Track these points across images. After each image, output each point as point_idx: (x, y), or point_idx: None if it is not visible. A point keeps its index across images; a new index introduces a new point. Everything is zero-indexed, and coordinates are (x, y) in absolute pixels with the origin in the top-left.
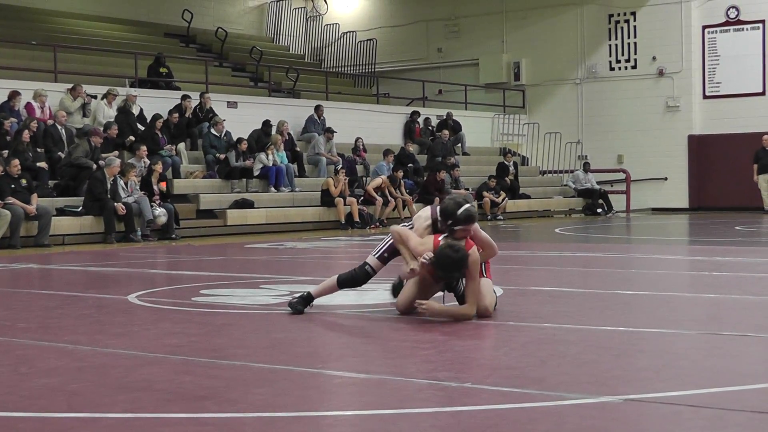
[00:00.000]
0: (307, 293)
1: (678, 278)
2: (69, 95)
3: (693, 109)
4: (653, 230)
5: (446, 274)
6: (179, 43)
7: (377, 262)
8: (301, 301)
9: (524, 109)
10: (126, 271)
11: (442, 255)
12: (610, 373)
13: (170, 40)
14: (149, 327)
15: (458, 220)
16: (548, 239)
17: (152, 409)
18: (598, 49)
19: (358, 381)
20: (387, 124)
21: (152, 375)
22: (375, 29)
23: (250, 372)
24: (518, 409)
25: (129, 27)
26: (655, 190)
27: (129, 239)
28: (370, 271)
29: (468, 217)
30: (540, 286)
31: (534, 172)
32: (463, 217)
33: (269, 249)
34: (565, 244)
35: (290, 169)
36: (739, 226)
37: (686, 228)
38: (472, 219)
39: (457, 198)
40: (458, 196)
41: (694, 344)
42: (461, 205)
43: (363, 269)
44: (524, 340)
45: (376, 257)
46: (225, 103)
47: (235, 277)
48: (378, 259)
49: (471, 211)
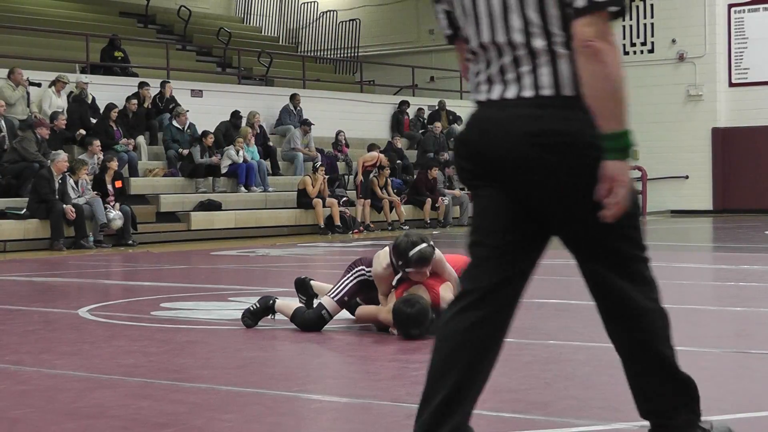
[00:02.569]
0: (272, 301)
1: (701, 289)
2: (9, 82)
3: (717, 99)
4: (672, 235)
5: (405, 332)
6: (136, 24)
7: (334, 306)
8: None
9: None
10: (76, 281)
11: (397, 311)
12: (623, 397)
13: (126, 20)
14: (102, 345)
15: (409, 261)
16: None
17: None
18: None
19: (339, 406)
20: (372, 116)
21: (106, 399)
22: (358, 8)
23: (216, 396)
24: None
25: (79, 5)
26: (675, 190)
27: (80, 245)
28: (326, 316)
29: (420, 259)
30: (545, 298)
31: None
32: (414, 259)
33: (238, 257)
34: None
35: (262, 166)
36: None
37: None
38: (425, 261)
39: (412, 236)
40: (413, 234)
41: (719, 364)
42: (415, 245)
43: (318, 313)
44: (527, 359)
45: (334, 300)
46: (189, 91)
47: (200, 289)
48: (336, 303)
49: (424, 253)
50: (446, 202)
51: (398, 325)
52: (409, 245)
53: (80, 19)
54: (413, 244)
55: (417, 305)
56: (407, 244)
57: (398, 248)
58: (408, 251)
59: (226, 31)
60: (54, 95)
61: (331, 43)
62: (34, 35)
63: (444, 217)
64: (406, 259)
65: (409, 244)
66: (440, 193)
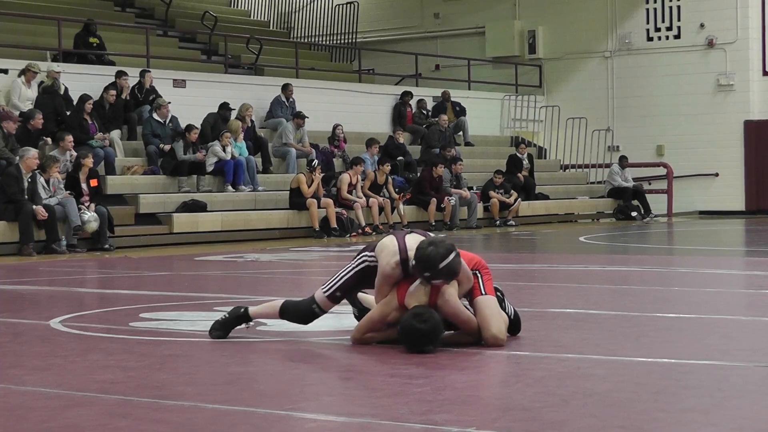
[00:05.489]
0: (244, 309)
1: (732, 298)
2: None
3: (750, 89)
4: (701, 238)
5: (414, 349)
6: (113, 7)
7: (326, 301)
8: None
9: (541, 89)
10: (47, 289)
11: (408, 328)
12: (647, 416)
13: (103, 3)
14: (76, 359)
15: (438, 274)
16: (571, 249)
17: None
18: (632, 14)
19: (336, 426)
20: (371, 108)
21: (80, 419)
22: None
23: (201, 415)
24: None
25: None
26: (704, 189)
27: (51, 250)
28: (317, 311)
29: (451, 272)
30: (561, 307)
31: (553, 167)
32: (446, 272)
33: (225, 262)
34: (593, 256)
35: (252, 163)
36: None
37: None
38: (455, 274)
39: (439, 243)
40: (439, 241)
41: (751, 379)
42: (445, 256)
43: (309, 307)
44: (541, 374)
45: (325, 295)
46: (170, 81)
47: (183, 297)
48: (328, 298)
49: (455, 267)
50: (453, 203)
51: (409, 342)
52: (438, 257)
53: (52, 2)
54: (443, 256)
55: (430, 320)
56: (437, 255)
57: (427, 258)
58: (438, 263)
59: (212, 15)
60: (23, 86)
61: (327, 28)
62: (0, 20)
63: (450, 219)
64: (435, 271)
65: (438, 255)
66: (446, 192)
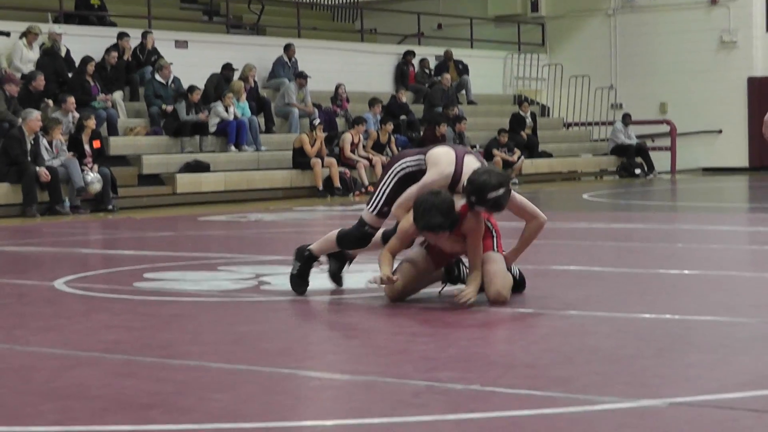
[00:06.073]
0: (308, 252)
1: (735, 254)
2: None
3: (754, 45)
4: (704, 195)
5: (426, 225)
6: None
7: (375, 219)
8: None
9: (544, 47)
10: (52, 251)
11: (420, 200)
12: (651, 372)
13: None
14: (81, 320)
15: (485, 203)
16: (575, 207)
17: (86, 420)
18: None
19: (340, 384)
20: (374, 67)
21: (86, 378)
22: None
23: (206, 374)
24: (538, 416)
25: None
26: (707, 146)
27: (55, 211)
28: (370, 231)
29: (495, 204)
30: (565, 265)
31: (557, 125)
32: (491, 203)
33: (229, 222)
34: (596, 214)
35: (254, 123)
36: None
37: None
38: (499, 208)
39: (494, 173)
40: (496, 171)
41: (755, 335)
42: (496, 188)
43: (361, 230)
44: (545, 331)
45: (374, 213)
46: (172, 42)
47: (186, 258)
48: (377, 216)
49: (501, 201)
50: None
51: (420, 215)
52: (490, 187)
53: None
54: (494, 188)
55: (442, 195)
56: (488, 184)
57: (478, 183)
58: (487, 193)
59: None
60: (25, 48)
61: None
62: None
63: None
64: (482, 199)
65: (490, 185)
66: None
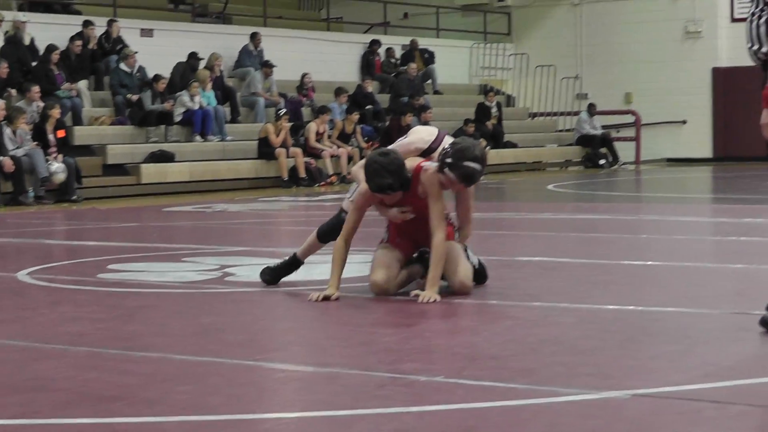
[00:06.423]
0: (293, 255)
1: (699, 245)
2: None
3: (718, 36)
4: (669, 186)
5: (377, 186)
6: None
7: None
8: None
9: (510, 36)
10: (15, 242)
11: (369, 161)
12: (615, 363)
13: None
14: (45, 311)
15: (458, 168)
16: (540, 198)
17: (50, 413)
18: None
19: (304, 375)
20: (340, 57)
21: (49, 371)
22: None
23: (171, 366)
24: (502, 408)
25: None
26: (672, 137)
27: (18, 202)
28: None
29: (466, 175)
30: (529, 255)
31: (522, 115)
32: (462, 171)
33: (194, 213)
34: (561, 204)
35: (220, 112)
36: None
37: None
38: (468, 181)
39: (477, 149)
40: (480, 149)
41: (718, 326)
42: (474, 160)
43: (340, 218)
44: (509, 323)
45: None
46: (138, 30)
47: (151, 249)
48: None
49: (474, 175)
50: None
51: (369, 176)
52: (470, 155)
53: None
54: (473, 159)
55: (391, 155)
56: (469, 153)
57: (460, 149)
58: (465, 158)
59: None
60: None
61: None
62: None
63: None
64: (458, 160)
65: (470, 154)
66: None
